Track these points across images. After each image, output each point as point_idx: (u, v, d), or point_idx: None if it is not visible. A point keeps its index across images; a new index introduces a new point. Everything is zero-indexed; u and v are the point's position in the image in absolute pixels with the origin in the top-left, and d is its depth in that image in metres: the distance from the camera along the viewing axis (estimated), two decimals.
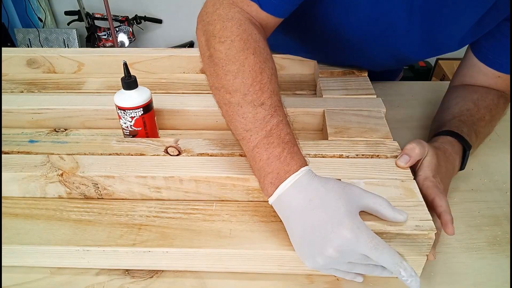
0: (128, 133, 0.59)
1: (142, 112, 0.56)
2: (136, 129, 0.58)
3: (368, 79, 0.71)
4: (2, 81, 0.80)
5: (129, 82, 0.56)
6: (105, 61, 0.81)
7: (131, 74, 0.57)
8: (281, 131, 0.43)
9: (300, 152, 0.44)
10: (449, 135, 0.55)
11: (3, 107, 0.64)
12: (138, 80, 0.57)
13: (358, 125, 0.58)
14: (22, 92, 0.76)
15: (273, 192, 0.42)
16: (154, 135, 0.60)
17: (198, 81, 0.79)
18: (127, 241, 0.45)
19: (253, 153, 0.43)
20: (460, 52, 0.67)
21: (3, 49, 0.83)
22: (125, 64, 0.55)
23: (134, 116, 0.57)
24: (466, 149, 0.55)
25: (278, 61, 0.79)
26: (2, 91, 0.76)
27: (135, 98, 0.56)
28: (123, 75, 0.56)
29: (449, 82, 0.72)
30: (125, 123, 0.58)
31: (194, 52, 0.81)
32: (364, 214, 0.42)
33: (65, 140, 0.56)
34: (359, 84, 0.70)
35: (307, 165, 0.43)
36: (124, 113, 0.57)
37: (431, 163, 0.49)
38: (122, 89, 0.57)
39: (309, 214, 0.40)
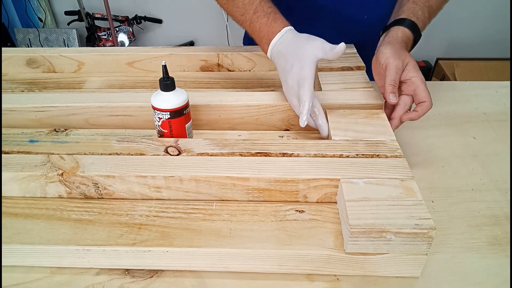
0: (157, 132, 0.60)
1: (168, 116, 0.56)
2: (163, 130, 0.58)
3: (365, 74, 0.71)
4: (2, 81, 0.80)
5: (165, 84, 0.56)
6: (105, 60, 0.81)
7: (170, 76, 0.56)
8: (263, 6, 0.61)
9: (281, 17, 0.61)
10: (401, 25, 0.64)
11: (6, 106, 0.64)
12: (139, 78, 0.57)
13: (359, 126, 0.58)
14: (23, 91, 0.76)
15: (267, 49, 0.61)
16: None
17: (198, 79, 0.79)
18: (127, 241, 0.45)
19: (251, 28, 0.62)
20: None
21: (3, 49, 0.83)
22: (164, 66, 0.55)
23: (161, 118, 0.57)
24: (415, 38, 0.65)
25: None
26: (2, 91, 0.76)
27: (164, 100, 0.56)
28: (124, 73, 0.56)
29: (449, 82, 0.72)
30: (155, 121, 0.58)
31: (193, 50, 0.81)
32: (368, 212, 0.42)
33: (65, 140, 0.56)
34: (357, 78, 0.70)
35: (288, 25, 0.60)
36: (153, 111, 0.57)
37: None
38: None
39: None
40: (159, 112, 0.57)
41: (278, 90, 0.74)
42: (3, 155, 0.53)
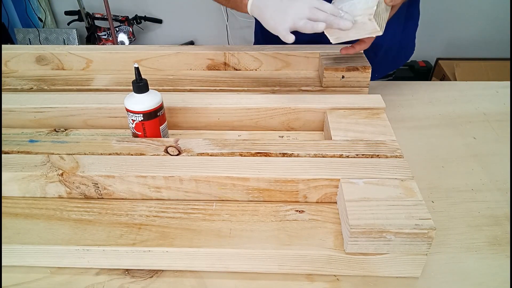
0: (131, 134, 0.59)
1: (142, 118, 0.56)
2: (137, 132, 0.58)
3: (369, 76, 0.71)
4: (12, 78, 0.80)
5: (138, 86, 0.56)
6: (113, 58, 0.81)
7: (143, 78, 0.56)
8: None
9: None
10: None
11: (5, 106, 0.64)
12: (147, 76, 0.57)
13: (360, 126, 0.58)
14: (32, 88, 0.77)
15: (247, 1, 0.61)
16: None
17: (205, 78, 0.79)
18: (127, 241, 0.45)
19: None
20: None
21: (13, 46, 0.84)
22: (137, 68, 0.55)
23: (135, 120, 0.57)
24: None
25: (283, 58, 0.80)
26: (12, 87, 0.77)
27: (137, 102, 0.56)
28: (131, 71, 0.56)
29: (449, 82, 0.73)
30: (129, 123, 0.58)
31: (200, 49, 0.81)
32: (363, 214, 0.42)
33: (65, 140, 0.56)
34: (358, 81, 0.71)
35: None
36: (128, 114, 0.57)
37: None
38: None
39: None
40: (132, 114, 0.56)
41: (283, 89, 0.74)
42: (3, 155, 0.53)
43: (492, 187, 0.58)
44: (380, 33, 0.59)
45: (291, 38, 0.57)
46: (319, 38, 0.83)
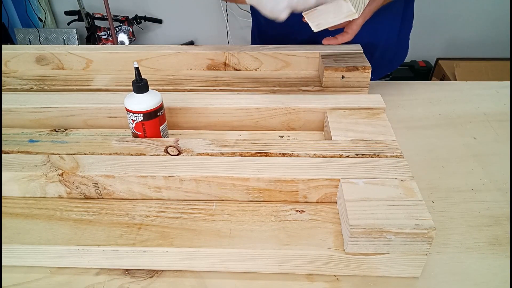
0: (131, 134, 0.59)
1: (142, 118, 0.56)
2: (137, 132, 0.58)
3: (369, 76, 0.71)
4: (12, 78, 0.80)
5: (138, 86, 0.56)
6: (114, 58, 0.81)
7: (143, 78, 0.56)
8: None
9: None
10: None
11: (5, 106, 0.64)
12: (147, 76, 0.57)
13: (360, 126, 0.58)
14: (32, 88, 0.77)
15: None
16: None
17: (205, 78, 0.79)
18: (127, 241, 0.45)
19: None
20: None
21: (13, 46, 0.84)
22: (137, 68, 0.55)
23: (135, 120, 0.57)
24: None
25: (283, 58, 0.80)
26: (12, 87, 0.77)
27: (137, 102, 0.56)
28: (131, 72, 0.56)
29: (449, 82, 0.72)
30: (129, 123, 0.58)
31: (200, 49, 0.81)
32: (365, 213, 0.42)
33: (65, 140, 0.56)
34: (358, 81, 0.71)
35: None
36: (127, 114, 0.57)
37: None
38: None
39: None
40: (132, 114, 0.56)
41: (283, 89, 0.74)
42: (3, 155, 0.53)
43: (492, 187, 0.58)
44: (356, 16, 0.58)
45: (284, 14, 0.56)
46: (319, 38, 0.84)
